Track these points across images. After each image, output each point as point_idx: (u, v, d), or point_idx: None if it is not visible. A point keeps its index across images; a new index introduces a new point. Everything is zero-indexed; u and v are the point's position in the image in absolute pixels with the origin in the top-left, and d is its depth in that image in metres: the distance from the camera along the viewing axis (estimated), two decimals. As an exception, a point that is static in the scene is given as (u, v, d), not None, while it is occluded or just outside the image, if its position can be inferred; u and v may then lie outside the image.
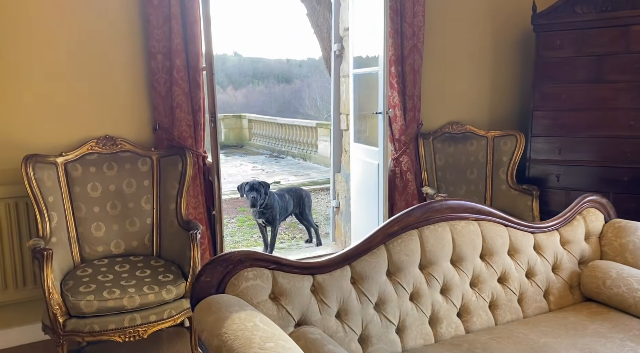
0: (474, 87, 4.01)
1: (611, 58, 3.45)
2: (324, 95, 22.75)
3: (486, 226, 2.05)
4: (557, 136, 3.69)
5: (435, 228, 1.95)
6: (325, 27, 13.04)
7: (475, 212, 2.06)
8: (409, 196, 3.57)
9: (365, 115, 3.90)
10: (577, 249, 2.21)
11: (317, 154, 11.63)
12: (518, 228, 2.13)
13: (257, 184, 4.33)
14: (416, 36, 3.45)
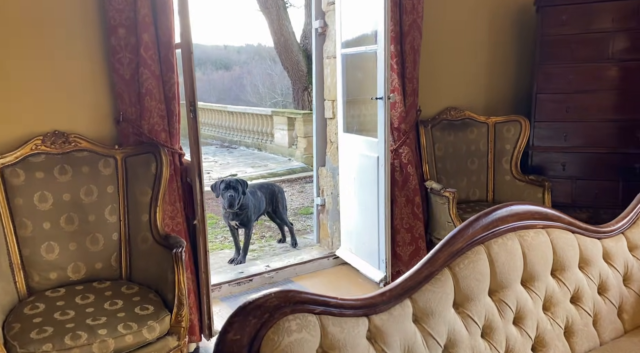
0: (471, 69, 3.67)
1: (621, 35, 3.20)
2: (267, 82, 22.14)
3: (555, 234, 1.68)
4: (562, 120, 3.42)
5: (504, 241, 1.57)
6: (274, 9, 12.44)
7: (542, 217, 1.69)
8: (410, 192, 3.18)
9: (356, 101, 3.46)
10: (644, 255, 1.90)
11: (274, 143, 11.10)
12: (586, 235, 1.78)
13: (234, 182, 3.81)
14: (416, 10, 3.05)
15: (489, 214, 1.59)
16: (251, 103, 19.93)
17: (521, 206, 1.66)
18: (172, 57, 2.33)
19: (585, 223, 1.82)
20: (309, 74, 12.51)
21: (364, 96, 3.33)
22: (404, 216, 3.20)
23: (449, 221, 3.04)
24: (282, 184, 8.70)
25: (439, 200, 3.10)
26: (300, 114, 10.09)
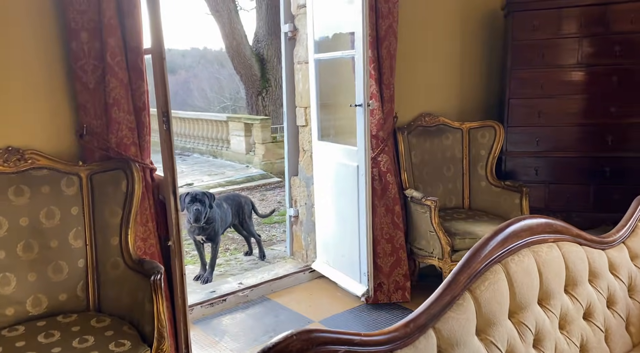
0: (444, 74, 3.64)
1: (590, 40, 3.25)
2: (214, 86, 21.74)
3: (566, 248, 1.62)
4: (534, 125, 3.44)
5: (520, 259, 1.48)
6: (226, 12, 12.16)
7: (553, 230, 1.63)
8: (389, 201, 3.09)
9: (331, 108, 3.35)
10: (645, 264, 1.87)
11: (230, 150, 10.82)
12: (592, 246, 1.73)
13: (200, 195, 3.59)
14: (391, 14, 2.96)
15: (503, 230, 1.50)
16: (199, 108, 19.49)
17: (533, 219, 1.58)
18: (142, 63, 2.12)
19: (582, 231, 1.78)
20: (262, 78, 12.31)
21: (340, 103, 3.21)
22: (383, 226, 3.10)
23: (431, 231, 2.96)
24: (242, 192, 8.48)
25: (419, 209, 3.03)
26: (258, 119, 9.88)
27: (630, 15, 3.14)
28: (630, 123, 3.26)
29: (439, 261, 2.98)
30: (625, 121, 3.27)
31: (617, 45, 3.20)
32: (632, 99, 3.23)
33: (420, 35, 3.40)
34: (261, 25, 12.39)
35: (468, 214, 3.28)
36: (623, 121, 3.27)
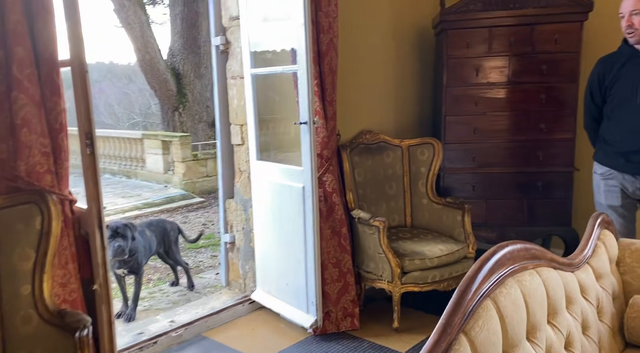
0: (381, 91, 3.58)
1: (520, 58, 3.34)
2: (123, 101, 20.70)
3: (544, 274, 1.54)
4: (470, 142, 3.46)
5: (507, 291, 1.37)
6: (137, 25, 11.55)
7: (531, 256, 1.54)
8: (336, 223, 2.94)
9: (271, 126, 3.14)
10: (608, 283, 1.86)
11: (146, 169, 10.18)
12: (564, 269, 1.68)
13: (122, 228, 3.19)
14: (332, 29, 2.84)
15: (488, 260, 1.38)
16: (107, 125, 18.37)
17: (513, 246, 1.48)
18: (57, 77, 1.80)
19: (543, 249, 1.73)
20: (179, 93, 11.81)
21: (281, 121, 3.02)
22: (330, 249, 2.94)
23: (380, 253, 2.84)
24: (162, 215, 7.94)
25: (367, 230, 2.90)
26: (177, 137, 9.38)
27: (554, 36, 3.27)
28: (558, 139, 3.38)
29: (389, 284, 2.86)
30: (553, 137, 3.38)
31: (543, 64, 3.31)
32: (559, 116, 3.35)
33: (357, 51, 3.32)
34: (176, 39, 11.91)
35: (412, 233, 3.20)
36: (551, 137, 3.38)
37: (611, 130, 2.47)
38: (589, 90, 2.59)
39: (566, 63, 3.29)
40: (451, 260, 2.91)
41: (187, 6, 11.60)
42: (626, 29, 2.30)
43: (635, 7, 2.26)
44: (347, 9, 3.05)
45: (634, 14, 2.27)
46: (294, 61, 2.77)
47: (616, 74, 2.41)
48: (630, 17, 2.28)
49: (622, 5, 2.32)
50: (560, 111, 3.35)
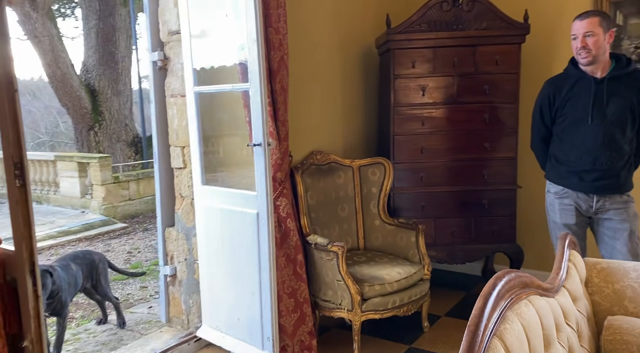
0: (328, 110, 3.49)
1: (463, 79, 3.39)
2: (26, 119, 19.24)
3: (536, 302, 1.48)
4: (419, 161, 3.45)
5: (511, 326, 1.28)
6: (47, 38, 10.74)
7: (522, 284, 1.47)
8: (291, 250, 2.77)
9: (217, 147, 2.92)
10: (583, 306, 1.85)
11: (59, 194, 9.34)
12: (548, 295, 1.63)
13: (41, 272, 2.79)
14: (282, 46, 2.71)
15: (490, 294, 1.30)
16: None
17: (508, 275, 1.41)
18: (-23, 94, 1.50)
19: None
20: (94, 111, 11.09)
21: (229, 142, 2.82)
22: (285, 279, 2.76)
23: (339, 280, 2.71)
24: (80, 243, 7.29)
25: (324, 256, 2.76)
26: (95, 158, 8.71)
27: (495, 57, 3.36)
28: (501, 157, 3.46)
29: (349, 313, 2.73)
30: (496, 156, 3.46)
31: (485, 84, 3.39)
32: (501, 135, 3.44)
33: (305, 69, 3.21)
34: (90, 54, 11.21)
35: (367, 256, 3.11)
36: (495, 156, 3.46)
37: (564, 150, 2.54)
38: (539, 111, 2.65)
39: (507, 84, 3.39)
40: (410, 283, 2.84)
41: (103, 20, 10.98)
42: (579, 50, 2.37)
43: (589, 29, 2.34)
44: (293, 27, 2.93)
45: (587, 35, 2.35)
46: (244, 78, 2.60)
47: (566, 95, 2.48)
48: (584, 38, 2.35)
49: (575, 27, 2.40)
50: (502, 130, 3.43)
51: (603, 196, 2.47)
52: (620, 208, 2.45)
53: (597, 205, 2.49)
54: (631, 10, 3.26)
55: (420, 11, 3.33)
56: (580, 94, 2.43)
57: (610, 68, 2.42)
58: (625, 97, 2.38)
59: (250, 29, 2.41)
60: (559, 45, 3.57)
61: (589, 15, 2.37)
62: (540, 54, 3.63)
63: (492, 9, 3.32)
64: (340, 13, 3.52)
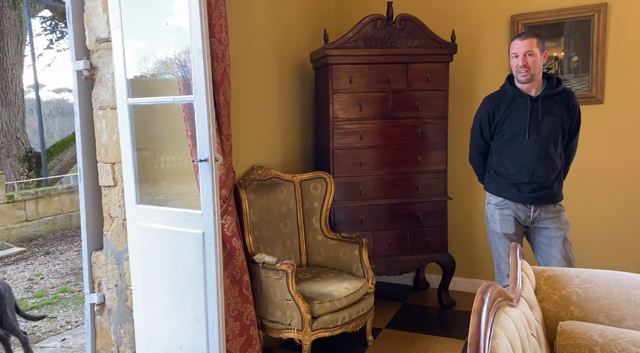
0: (267, 124, 3.41)
1: (397, 95, 3.49)
2: None
3: (511, 314, 1.52)
4: (358, 175, 3.49)
5: (501, 341, 1.29)
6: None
7: (498, 294, 1.50)
8: (236, 271, 2.64)
9: (153, 162, 2.72)
10: (537, 314, 1.93)
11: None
12: (514, 306, 1.68)
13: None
14: (224, 58, 2.60)
15: (481, 310, 1.30)
16: None
17: (491, 289, 1.43)
18: None
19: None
20: (-20, 121, 10.00)
21: (169, 157, 2.63)
22: (230, 301, 2.62)
23: (288, 299, 2.62)
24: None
25: (272, 275, 2.65)
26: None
27: (426, 75, 3.50)
28: (432, 170, 3.58)
29: (299, 333, 2.65)
30: (428, 169, 3.58)
31: (417, 100, 3.51)
32: (432, 149, 3.57)
33: (244, 83, 3.11)
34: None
35: (312, 272, 3.05)
36: (427, 169, 3.58)
37: (503, 163, 2.67)
38: (479, 126, 2.78)
39: (437, 100, 3.53)
40: (357, 297, 2.83)
41: (-13, 24, 10.00)
42: (520, 68, 2.52)
43: (529, 48, 2.51)
44: (232, 40, 2.83)
45: (528, 54, 2.51)
46: (185, 90, 2.45)
47: (504, 112, 2.63)
48: (525, 57, 2.51)
49: (516, 46, 2.55)
50: (433, 145, 3.57)
51: (539, 206, 2.63)
52: (554, 217, 2.63)
53: (534, 215, 2.65)
54: (543, 33, 3.55)
55: (356, 28, 3.37)
56: (518, 111, 2.59)
57: (543, 87, 2.61)
58: (557, 114, 2.57)
59: (196, 38, 2.28)
60: (481, 65, 3.80)
61: (528, 36, 2.54)
62: (465, 72, 3.84)
63: (422, 28, 3.45)
64: (276, 27, 3.47)
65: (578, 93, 3.48)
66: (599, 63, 3.46)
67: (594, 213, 3.55)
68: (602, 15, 3.41)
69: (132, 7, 2.52)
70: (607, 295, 2.02)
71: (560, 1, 3.52)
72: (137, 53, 2.59)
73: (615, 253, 3.52)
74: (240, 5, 3.05)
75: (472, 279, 3.97)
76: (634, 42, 3.36)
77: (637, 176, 3.43)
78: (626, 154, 3.45)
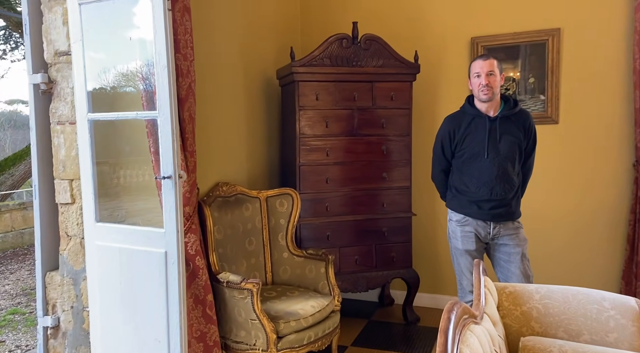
0: (233, 140, 3.38)
1: (363, 112, 3.53)
2: None
3: (476, 332, 1.53)
4: (324, 191, 3.49)
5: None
6: None
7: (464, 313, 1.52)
8: (200, 290, 2.58)
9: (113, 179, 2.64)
10: (500, 330, 1.97)
11: None
12: (479, 323, 1.71)
13: None
14: (190, 73, 2.58)
15: (448, 330, 1.31)
16: None
17: (456, 306, 1.44)
18: None
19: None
20: None
21: (131, 174, 2.57)
22: (193, 322, 2.55)
23: (253, 319, 2.58)
24: None
25: (237, 295, 2.61)
26: None
27: (390, 93, 3.56)
28: (397, 187, 3.63)
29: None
30: (393, 185, 3.62)
31: (382, 118, 3.56)
32: (397, 166, 3.62)
33: (209, 98, 3.08)
34: None
35: (278, 291, 3.01)
36: (392, 185, 3.62)
37: (464, 181, 2.74)
38: (440, 145, 2.84)
39: (401, 118, 3.59)
40: (324, 316, 2.81)
41: None
42: (482, 87, 2.60)
43: (490, 68, 2.60)
44: (198, 56, 2.80)
45: (489, 74, 2.59)
46: (149, 105, 2.41)
47: (465, 131, 2.70)
48: (487, 76, 2.59)
49: (478, 66, 2.63)
50: (398, 162, 3.62)
51: (498, 223, 2.70)
52: (513, 234, 2.70)
53: (494, 232, 2.71)
54: (501, 56, 3.69)
55: (322, 46, 3.41)
56: (477, 131, 2.66)
57: (501, 108, 2.70)
58: (515, 134, 2.66)
59: (160, 54, 2.25)
60: (443, 85, 3.91)
61: (489, 57, 2.64)
62: (427, 92, 3.93)
63: (387, 48, 3.52)
64: (243, 42, 3.47)
65: (534, 113, 3.62)
66: (554, 85, 3.61)
67: (551, 229, 3.67)
68: (556, 39, 3.58)
69: (94, 20, 2.46)
70: (565, 310, 2.08)
71: (517, 25, 3.67)
72: (99, 66, 2.53)
73: (572, 269, 3.65)
74: (206, 21, 3.03)
75: (435, 294, 4.02)
76: (585, 65, 3.53)
77: (591, 193, 3.58)
78: (580, 171, 3.60)
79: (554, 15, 3.58)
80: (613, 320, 2.01)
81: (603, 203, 3.55)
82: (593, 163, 3.56)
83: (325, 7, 4.21)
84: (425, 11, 3.92)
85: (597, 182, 3.56)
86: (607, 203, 3.54)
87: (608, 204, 3.54)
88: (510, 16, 3.68)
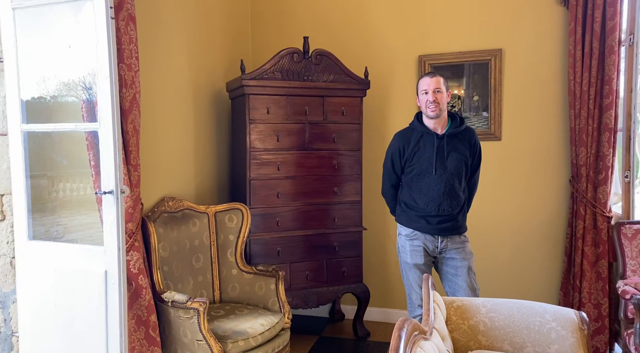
0: (180, 153, 3.28)
1: (314, 127, 3.53)
2: None
3: (424, 348, 1.53)
4: (275, 206, 3.45)
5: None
6: None
7: (414, 330, 1.51)
8: (142, 311, 2.46)
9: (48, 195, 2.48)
10: (449, 345, 1.98)
11: None
12: (428, 338, 1.71)
13: None
14: (134, 84, 2.49)
15: (398, 348, 1.30)
16: None
17: (407, 324, 1.44)
18: None
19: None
20: None
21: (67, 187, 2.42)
22: (135, 344, 2.43)
23: (199, 340, 2.48)
24: None
25: (182, 315, 2.50)
26: None
27: (341, 108, 3.58)
28: (348, 201, 3.63)
29: (210, 375, 2.50)
30: (344, 200, 3.62)
31: (333, 132, 3.57)
32: (348, 181, 3.63)
33: (155, 110, 2.98)
34: None
35: (226, 309, 2.92)
36: (343, 200, 3.62)
37: (413, 197, 2.77)
38: (390, 161, 2.86)
39: (352, 133, 3.61)
40: (273, 334, 2.75)
41: None
42: (430, 104, 2.65)
43: (437, 85, 2.66)
44: (144, 67, 2.71)
45: (436, 91, 2.65)
46: (89, 117, 2.30)
47: (414, 148, 2.74)
48: (435, 93, 2.65)
49: (425, 83, 2.68)
50: (349, 176, 3.63)
51: (446, 237, 2.74)
52: (459, 247, 2.75)
53: (442, 245, 2.75)
54: (447, 74, 3.79)
55: (273, 60, 3.39)
56: (425, 148, 2.71)
57: (448, 126, 2.76)
58: (461, 152, 2.72)
59: (102, 64, 2.15)
60: (392, 100, 3.97)
61: (435, 75, 2.70)
62: (377, 107, 3.98)
63: (337, 64, 3.54)
64: (192, 54, 3.40)
65: (479, 130, 3.73)
66: (496, 103, 3.75)
67: (496, 243, 3.78)
68: (497, 59, 3.72)
69: (31, 26, 2.33)
70: (510, 323, 2.13)
71: (461, 45, 3.79)
72: (38, 74, 2.40)
73: (515, 281, 3.76)
74: (153, 31, 2.95)
75: (385, 308, 4.03)
76: (525, 84, 3.69)
77: (531, 208, 3.72)
78: (521, 186, 3.73)
79: (496, 36, 3.72)
80: (554, 332, 2.07)
81: (542, 217, 3.70)
82: (533, 178, 3.71)
83: (276, 21, 4.21)
84: (375, 28, 3.99)
85: (536, 197, 3.70)
86: (546, 218, 3.69)
87: (547, 218, 3.69)
88: (456, 36, 3.80)
